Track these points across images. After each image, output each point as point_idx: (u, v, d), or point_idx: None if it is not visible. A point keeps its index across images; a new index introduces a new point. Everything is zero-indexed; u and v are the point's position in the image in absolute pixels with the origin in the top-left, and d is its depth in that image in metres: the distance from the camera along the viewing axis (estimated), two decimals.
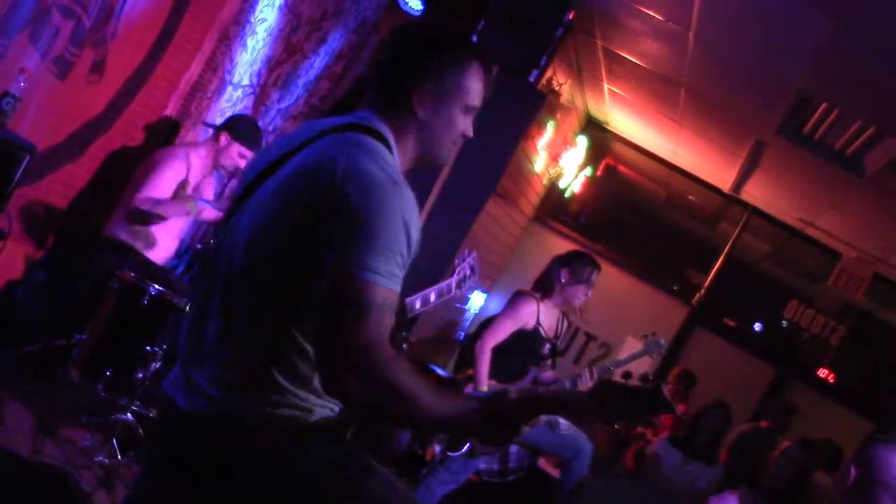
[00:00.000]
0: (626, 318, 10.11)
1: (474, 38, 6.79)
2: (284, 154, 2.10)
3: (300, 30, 6.13)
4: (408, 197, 1.97)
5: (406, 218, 1.94)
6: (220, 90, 5.68)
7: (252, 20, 5.61)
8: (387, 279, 1.90)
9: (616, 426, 2.23)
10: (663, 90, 7.83)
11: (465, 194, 6.81)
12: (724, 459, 7.04)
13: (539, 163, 9.37)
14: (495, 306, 9.33)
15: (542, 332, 5.22)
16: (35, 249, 4.89)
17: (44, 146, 4.52)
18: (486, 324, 5.27)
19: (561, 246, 10.82)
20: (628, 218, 12.43)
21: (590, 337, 10.44)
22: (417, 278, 6.75)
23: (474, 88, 2.20)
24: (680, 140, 9.16)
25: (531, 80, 6.81)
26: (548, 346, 5.39)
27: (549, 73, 7.65)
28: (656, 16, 6.19)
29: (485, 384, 5.00)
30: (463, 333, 9.63)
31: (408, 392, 1.89)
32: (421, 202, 6.66)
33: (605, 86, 8.78)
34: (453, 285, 4.16)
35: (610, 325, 10.10)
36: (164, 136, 5.36)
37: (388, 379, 1.87)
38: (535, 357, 5.34)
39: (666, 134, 9.24)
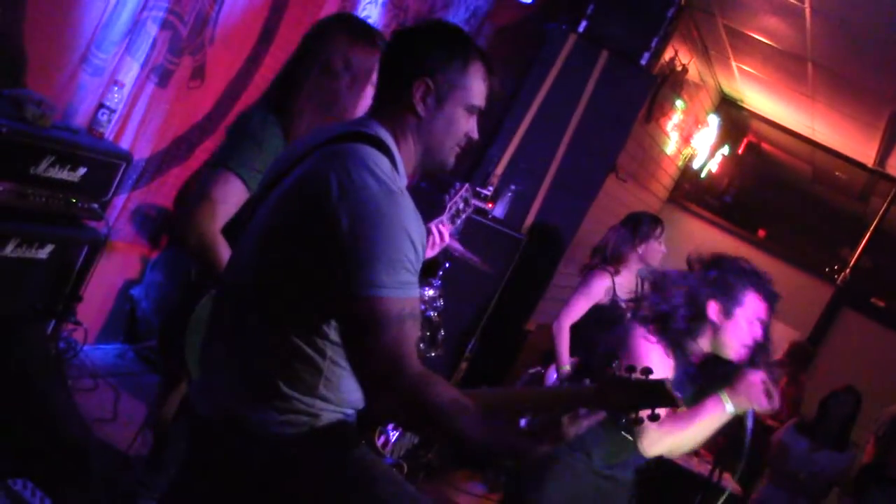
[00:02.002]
0: None
1: (584, 24, 6.73)
2: (294, 162, 2.14)
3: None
4: (404, 204, 1.97)
5: (405, 225, 1.94)
6: None
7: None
8: (398, 289, 1.91)
9: (623, 420, 2.18)
10: (790, 65, 7.58)
11: (578, 181, 6.77)
12: (871, 447, 6.79)
13: (670, 145, 9.20)
14: None
15: (620, 303, 5.19)
16: (150, 250, 5.13)
17: (150, 152, 4.73)
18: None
19: (700, 229, 10.62)
20: (774, 197, 12.06)
21: None
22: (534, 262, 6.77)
23: (477, 88, 2.18)
24: (815, 115, 8.83)
25: (643, 62, 6.69)
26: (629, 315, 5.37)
27: (669, 54, 7.51)
28: None
29: (566, 363, 5.03)
30: None
31: (439, 409, 1.90)
32: (534, 191, 6.71)
33: (734, 63, 8.55)
34: (445, 220, 4.03)
35: None
36: None
37: (419, 393, 1.90)
38: None
39: (801, 109, 8.92)
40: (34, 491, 3.24)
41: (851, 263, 10.05)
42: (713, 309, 3.13)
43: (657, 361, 3.07)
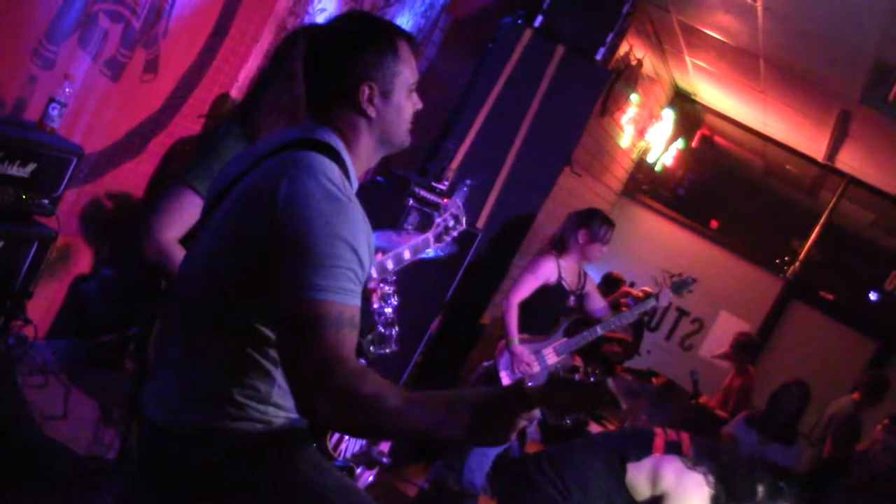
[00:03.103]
0: (718, 292, 9.93)
1: (540, 19, 6.75)
2: (245, 171, 2.13)
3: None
4: (351, 212, 1.97)
5: (348, 234, 1.93)
6: None
7: (311, 10, 5.67)
8: (339, 294, 1.90)
9: (567, 421, 2.19)
10: (743, 61, 7.65)
11: (533, 175, 6.79)
12: (829, 446, 6.92)
13: (625, 138, 9.26)
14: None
15: (564, 285, 5.48)
16: (102, 245, 5.07)
17: (101, 146, 4.67)
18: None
19: (653, 221, 10.70)
20: (727, 189, 12.18)
21: (682, 312, 10.30)
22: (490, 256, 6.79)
23: (410, 67, 2.20)
24: (768, 110, 8.93)
25: (598, 57, 6.72)
26: (572, 298, 5.62)
27: (624, 49, 7.55)
28: None
29: (515, 337, 5.30)
30: None
31: (380, 406, 1.87)
32: (489, 185, 6.72)
33: (688, 58, 8.62)
34: (430, 239, 4.06)
35: (702, 300, 9.93)
36: None
37: (356, 395, 1.86)
38: (562, 309, 5.59)
39: (753, 104, 9.02)
40: None
41: (801, 256, 10.19)
42: None
43: None
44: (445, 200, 6.21)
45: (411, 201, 5.73)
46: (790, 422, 6.47)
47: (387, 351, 4.50)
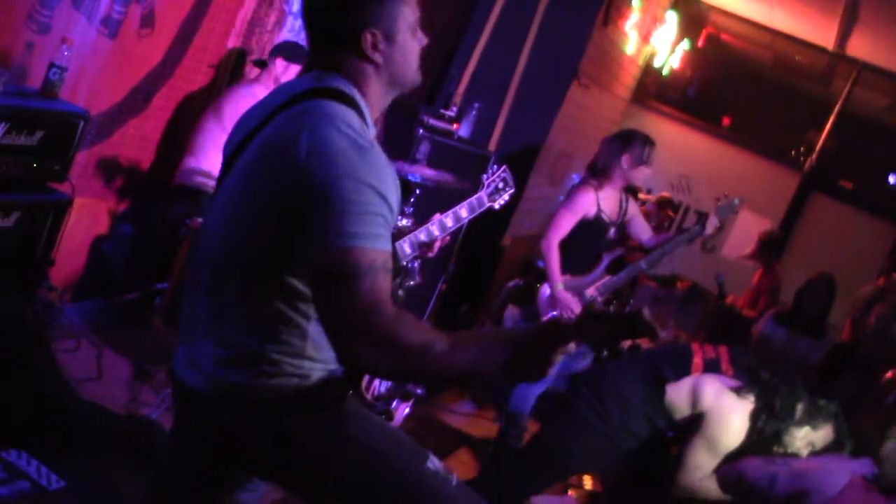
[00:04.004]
0: (736, 191, 9.85)
1: None
2: (259, 124, 2.11)
3: None
4: (375, 158, 1.95)
5: (375, 180, 1.91)
6: (280, 22, 5.71)
7: None
8: (370, 241, 1.88)
9: (604, 352, 2.19)
10: None
11: (541, 92, 6.73)
12: (847, 330, 6.90)
13: (630, 45, 9.15)
14: None
15: (604, 217, 5.17)
16: (117, 203, 5.08)
17: (107, 105, 4.66)
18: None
19: (665, 125, 10.62)
20: (736, 86, 12.02)
21: (700, 215, 10.26)
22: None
23: (410, 4, 2.15)
24: (773, 2, 8.78)
25: None
26: (613, 230, 5.39)
27: None
28: None
29: (559, 280, 5.03)
30: None
31: (418, 347, 1.86)
32: (498, 106, 6.67)
33: None
34: (485, 199, 4.13)
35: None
36: (227, 75, 5.44)
37: (395, 338, 1.85)
38: (603, 244, 5.34)
39: None
40: (29, 460, 3.26)
41: (817, 148, 10.11)
42: None
43: None
44: (455, 126, 6.20)
45: (421, 131, 5.69)
46: (818, 316, 6.44)
47: (411, 283, 4.51)
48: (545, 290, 5.10)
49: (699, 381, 3.68)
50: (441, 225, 4.06)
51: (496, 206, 4.23)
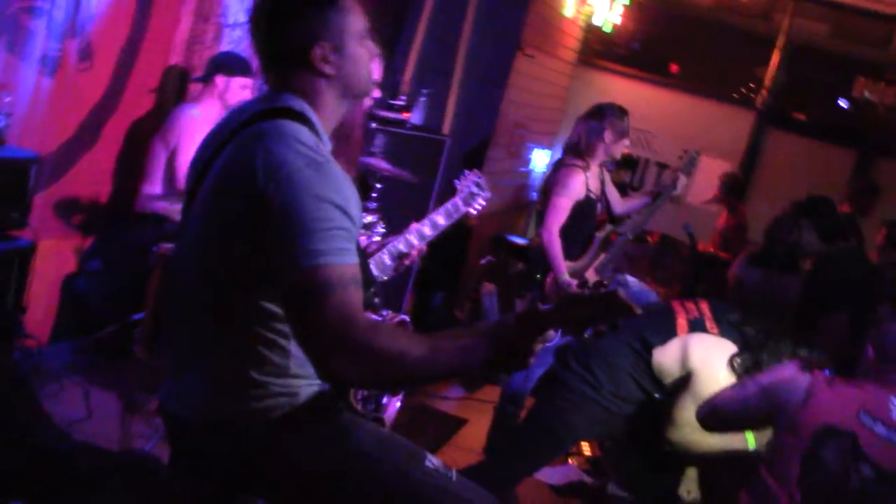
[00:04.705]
0: (693, 138, 9.93)
1: None
2: (217, 149, 2.11)
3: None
4: (331, 171, 1.96)
5: (334, 194, 1.93)
6: (218, 36, 5.68)
7: None
8: (335, 256, 1.89)
9: (587, 336, 2.19)
10: None
11: (487, 68, 6.74)
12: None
13: (569, 8, 9.16)
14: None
15: (592, 197, 5.23)
16: (82, 240, 5.05)
17: (57, 144, 4.63)
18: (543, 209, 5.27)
19: (614, 82, 10.65)
20: (680, 34, 12.06)
21: (661, 166, 10.33)
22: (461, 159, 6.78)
23: (356, 14, 2.17)
24: None
25: None
26: (599, 205, 5.41)
27: None
28: None
29: (564, 271, 5.03)
30: (534, 193, 9.67)
31: (396, 354, 1.88)
32: (446, 88, 6.67)
33: None
34: (460, 204, 4.17)
35: (678, 149, 9.92)
36: (173, 95, 5.41)
37: (371, 349, 1.87)
38: (593, 222, 5.37)
39: None
40: None
41: (767, 83, 10.17)
42: None
43: None
44: (406, 114, 6.20)
45: (374, 124, 5.69)
46: (790, 251, 6.49)
47: (384, 278, 4.53)
48: (549, 282, 5.11)
49: (686, 342, 3.71)
50: (419, 234, 4.09)
51: (472, 210, 4.25)
